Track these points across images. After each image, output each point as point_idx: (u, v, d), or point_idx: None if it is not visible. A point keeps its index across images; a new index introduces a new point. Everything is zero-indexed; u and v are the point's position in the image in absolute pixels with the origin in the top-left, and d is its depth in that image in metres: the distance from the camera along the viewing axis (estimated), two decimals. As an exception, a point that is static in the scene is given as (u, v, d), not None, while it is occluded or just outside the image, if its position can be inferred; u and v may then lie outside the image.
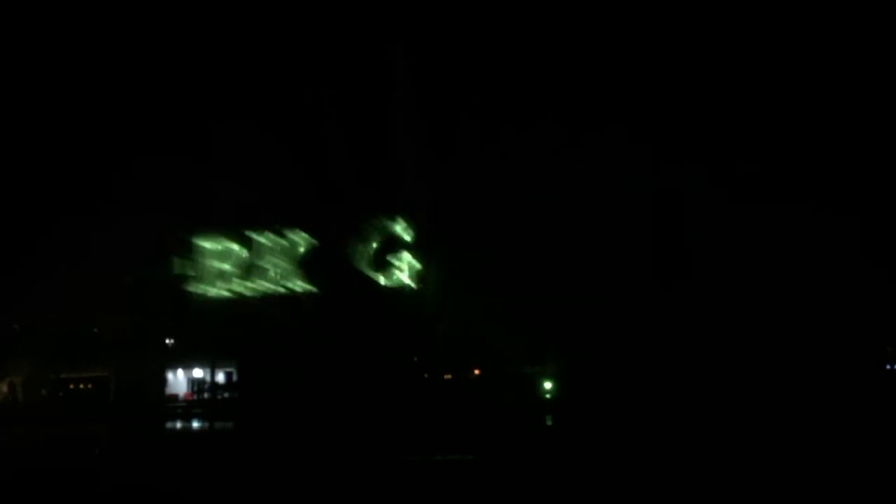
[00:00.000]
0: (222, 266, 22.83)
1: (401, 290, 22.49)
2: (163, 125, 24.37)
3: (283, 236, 22.73)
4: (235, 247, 22.78)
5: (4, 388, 32.13)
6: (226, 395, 30.32)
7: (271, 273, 22.72)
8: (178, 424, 28.77)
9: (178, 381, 32.45)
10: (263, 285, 22.76)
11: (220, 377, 30.83)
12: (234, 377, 30.01)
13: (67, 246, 24.90)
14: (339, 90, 22.70)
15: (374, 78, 22.89)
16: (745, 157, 21.51)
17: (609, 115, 21.60)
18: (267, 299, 22.73)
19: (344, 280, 22.89)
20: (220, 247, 22.84)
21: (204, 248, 22.85)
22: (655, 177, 21.74)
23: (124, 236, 23.74)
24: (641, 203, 22.05)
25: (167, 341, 29.98)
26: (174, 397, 31.83)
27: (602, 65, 22.23)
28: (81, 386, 32.15)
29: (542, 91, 22.34)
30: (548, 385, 24.24)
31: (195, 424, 28.65)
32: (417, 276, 22.27)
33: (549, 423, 23.51)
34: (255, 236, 22.70)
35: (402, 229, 22.23)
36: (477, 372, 25.20)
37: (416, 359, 25.03)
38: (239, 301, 22.83)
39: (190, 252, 23.03)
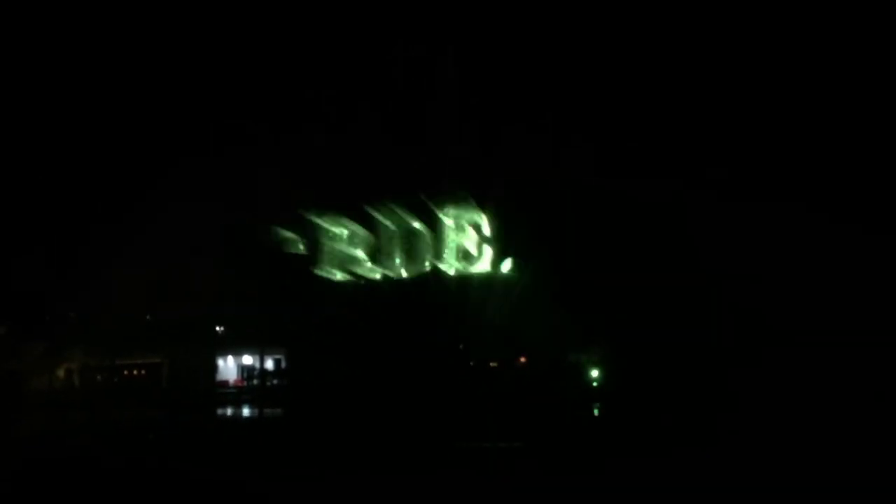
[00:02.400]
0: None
1: (449, 277, 22.56)
2: (210, 119, 24.77)
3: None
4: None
5: (62, 375, 33.09)
6: (274, 381, 30.82)
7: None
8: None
9: (229, 367, 33.11)
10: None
11: (269, 364, 31.34)
12: (283, 364, 30.50)
13: (123, 237, 25.48)
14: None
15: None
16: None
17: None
18: (316, 287, 23.00)
19: (393, 268, 23.12)
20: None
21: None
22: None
23: (178, 227, 24.22)
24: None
25: (217, 329, 30.58)
26: (224, 383, 32.50)
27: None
28: (135, 373, 32.95)
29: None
30: (595, 373, 24.09)
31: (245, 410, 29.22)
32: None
33: (595, 411, 23.38)
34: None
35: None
36: (523, 360, 25.11)
37: (461, 346, 25.06)
38: (288, 289, 23.13)
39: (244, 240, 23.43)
